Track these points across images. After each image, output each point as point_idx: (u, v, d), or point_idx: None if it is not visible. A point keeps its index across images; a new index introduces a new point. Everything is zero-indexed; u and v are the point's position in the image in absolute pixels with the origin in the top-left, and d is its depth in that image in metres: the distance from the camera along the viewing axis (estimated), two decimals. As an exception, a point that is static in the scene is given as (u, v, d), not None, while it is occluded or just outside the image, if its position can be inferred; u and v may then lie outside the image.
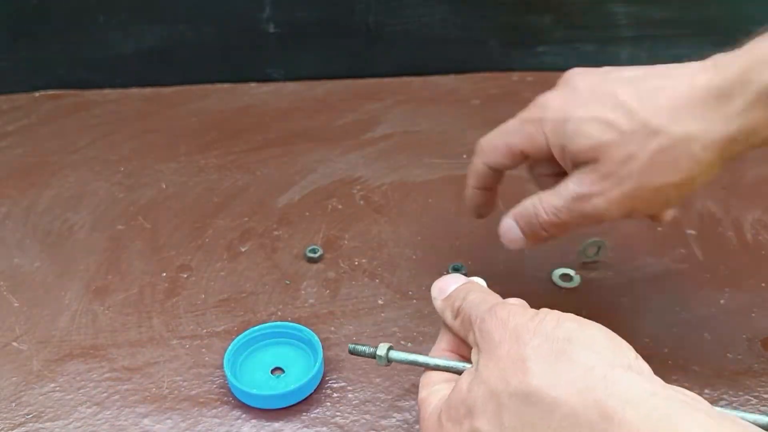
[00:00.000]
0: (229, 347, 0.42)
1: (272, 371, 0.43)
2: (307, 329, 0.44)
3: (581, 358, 0.28)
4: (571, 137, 0.38)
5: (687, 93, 0.36)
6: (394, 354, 0.37)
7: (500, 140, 0.42)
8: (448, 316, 0.36)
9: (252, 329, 0.44)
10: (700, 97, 0.36)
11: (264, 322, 0.46)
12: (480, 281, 0.38)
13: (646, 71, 0.39)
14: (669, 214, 0.43)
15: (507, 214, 0.42)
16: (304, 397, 0.41)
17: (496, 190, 0.46)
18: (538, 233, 0.41)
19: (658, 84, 0.37)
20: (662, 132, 0.36)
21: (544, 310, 0.32)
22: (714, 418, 0.25)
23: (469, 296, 0.35)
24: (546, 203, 0.40)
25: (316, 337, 0.43)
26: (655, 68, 0.39)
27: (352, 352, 0.38)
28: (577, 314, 0.47)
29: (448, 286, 0.37)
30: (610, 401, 0.26)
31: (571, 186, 0.39)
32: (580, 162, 0.38)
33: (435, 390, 0.34)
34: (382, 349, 0.37)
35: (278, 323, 0.44)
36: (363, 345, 0.38)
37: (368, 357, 0.37)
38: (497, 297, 0.35)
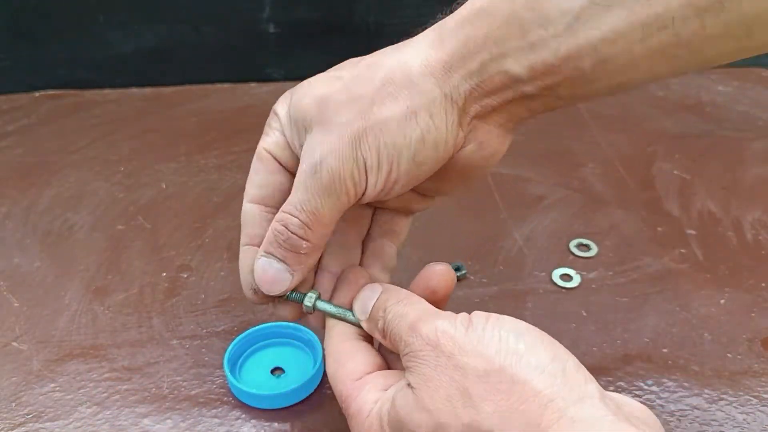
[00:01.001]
0: (229, 347, 0.42)
1: (272, 371, 0.43)
2: (307, 329, 0.44)
3: (533, 391, 0.26)
4: (298, 101, 0.33)
5: (414, 37, 0.34)
6: (321, 304, 0.35)
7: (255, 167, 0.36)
8: (378, 337, 0.33)
9: (252, 329, 0.44)
10: (422, 32, 0.34)
11: (264, 322, 0.46)
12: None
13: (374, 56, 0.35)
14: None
15: (258, 256, 0.35)
16: (304, 397, 0.41)
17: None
18: (298, 250, 0.33)
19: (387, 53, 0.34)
20: (380, 64, 0.33)
21: (479, 320, 0.29)
22: None
23: (389, 314, 0.32)
24: (292, 205, 0.33)
25: (316, 338, 0.43)
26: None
27: (288, 299, 0.36)
28: (577, 314, 0.47)
29: (367, 303, 0.33)
30: None
31: (303, 165, 0.32)
32: (310, 126, 0.33)
33: (365, 388, 0.32)
34: (309, 300, 0.35)
35: (278, 323, 0.44)
36: (298, 293, 0.36)
37: (298, 302, 0.36)
38: (418, 303, 0.32)
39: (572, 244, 0.53)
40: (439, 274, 0.35)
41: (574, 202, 0.58)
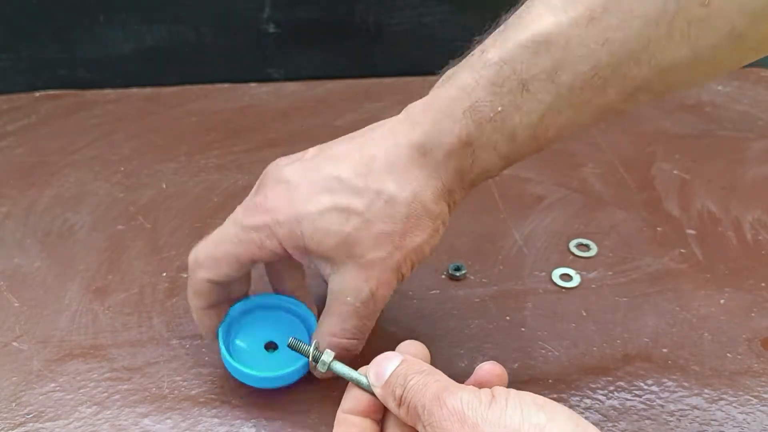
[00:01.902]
0: (224, 319, 0.41)
1: (266, 346, 0.42)
2: (304, 305, 0.43)
3: None
4: (312, 237, 0.36)
5: (395, 154, 0.37)
6: (336, 365, 0.35)
7: (223, 252, 0.38)
8: (391, 405, 0.33)
9: (247, 299, 0.43)
10: (407, 156, 0.37)
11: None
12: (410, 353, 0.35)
13: (349, 144, 0.39)
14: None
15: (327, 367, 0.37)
16: (298, 378, 0.40)
17: (226, 302, 0.41)
18: (360, 344, 0.40)
19: (367, 153, 0.37)
20: (396, 199, 0.36)
21: (501, 394, 0.30)
22: None
23: (410, 382, 0.32)
24: (345, 332, 0.38)
25: (313, 315, 0.42)
26: (357, 136, 0.39)
27: (291, 347, 0.36)
28: (577, 314, 0.47)
29: (384, 370, 0.33)
30: None
31: (351, 299, 0.37)
32: (333, 260, 0.37)
33: None
34: (328, 356, 0.36)
35: (275, 295, 0.43)
36: (305, 344, 0.37)
37: (305, 355, 0.36)
38: (440, 376, 0.32)
39: (572, 244, 0.53)
40: (488, 372, 0.34)
41: (574, 202, 0.58)
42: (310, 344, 0.37)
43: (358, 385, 0.34)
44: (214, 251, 0.39)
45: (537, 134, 0.36)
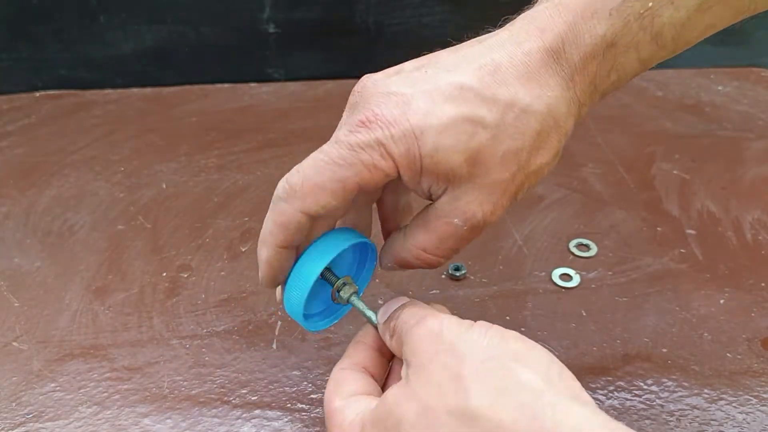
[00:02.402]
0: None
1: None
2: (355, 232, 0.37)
3: (529, 380, 0.26)
4: (433, 154, 0.31)
5: (526, 61, 0.32)
6: (355, 299, 0.36)
7: (328, 176, 0.32)
8: (387, 339, 0.34)
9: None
10: (540, 61, 0.32)
11: (264, 321, 0.46)
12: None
13: (458, 54, 0.33)
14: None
15: (390, 262, 0.36)
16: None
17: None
18: (434, 265, 0.36)
19: (490, 60, 0.32)
20: (531, 110, 0.32)
21: (483, 323, 0.29)
22: None
23: (403, 313, 0.33)
24: (437, 251, 0.34)
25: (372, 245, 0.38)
26: (464, 48, 0.34)
27: (322, 276, 0.35)
28: (577, 314, 0.47)
29: (389, 309, 0.34)
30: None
31: (459, 222, 0.33)
32: (453, 179, 0.32)
33: (352, 401, 0.32)
34: (346, 292, 0.36)
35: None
36: (335, 275, 0.36)
37: (331, 284, 0.36)
38: (432, 310, 0.33)
39: (572, 244, 0.53)
40: None
41: (574, 202, 0.58)
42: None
43: (368, 319, 0.35)
44: (315, 177, 0.32)
45: (681, 34, 0.32)
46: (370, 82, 0.34)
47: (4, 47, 0.74)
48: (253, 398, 0.42)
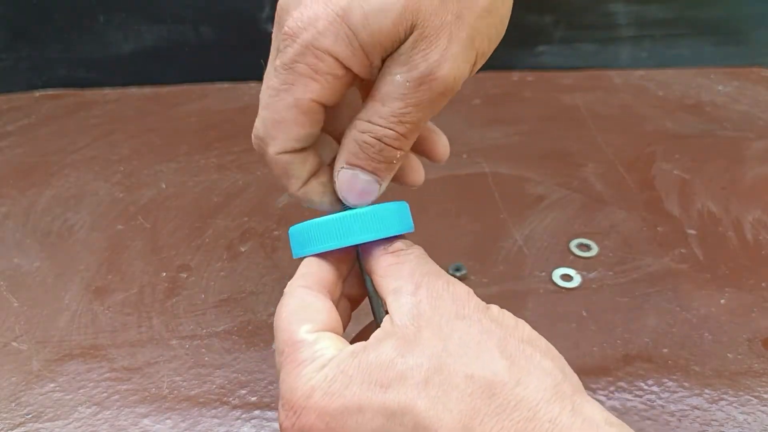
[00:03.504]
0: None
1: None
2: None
3: (549, 367, 0.26)
4: (365, 26, 0.28)
5: None
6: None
7: (281, 107, 0.30)
8: (381, 259, 0.30)
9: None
10: None
11: (264, 322, 0.46)
12: None
13: None
14: (420, 178, 0.38)
15: (340, 168, 0.31)
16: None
17: (328, 170, 0.33)
18: (391, 160, 0.31)
19: None
20: None
21: (495, 305, 0.29)
22: None
23: (415, 248, 0.30)
24: (384, 117, 0.29)
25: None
26: None
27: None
28: (578, 314, 0.47)
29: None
30: (575, 421, 0.24)
31: (402, 77, 0.29)
32: (393, 45, 0.28)
33: (326, 337, 0.28)
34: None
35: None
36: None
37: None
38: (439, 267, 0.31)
39: (572, 244, 0.53)
40: None
41: (574, 202, 0.58)
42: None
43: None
44: (272, 115, 0.30)
45: None
46: (291, 18, 0.30)
47: (4, 47, 0.74)
48: (252, 399, 0.42)
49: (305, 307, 0.29)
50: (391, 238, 0.31)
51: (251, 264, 0.52)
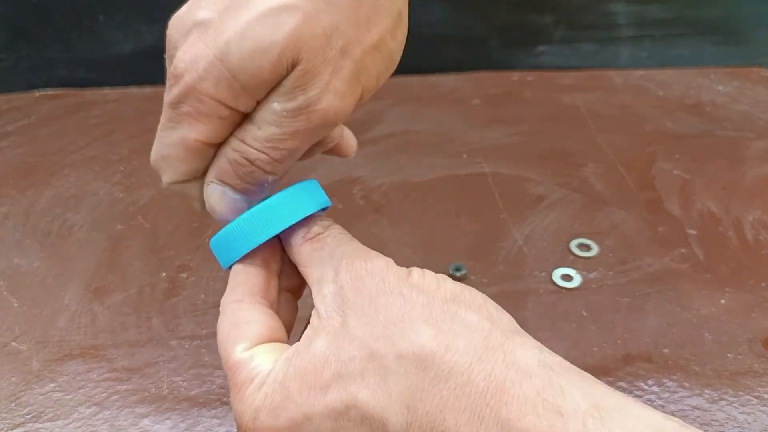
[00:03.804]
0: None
1: None
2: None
3: (475, 321, 0.25)
4: (243, 67, 0.27)
5: None
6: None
7: (167, 143, 0.30)
8: (300, 248, 0.29)
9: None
10: None
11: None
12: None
13: None
14: (352, 146, 0.37)
15: (210, 182, 0.31)
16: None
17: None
18: (262, 183, 0.30)
19: None
20: None
21: (416, 268, 0.28)
22: (609, 391, 0.25)
23: (333, 227, 0.30)
24: (258, 141, 0.29)
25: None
26: None
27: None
28: (578, 314, 0.47)
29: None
30: (508, 373, 0.24)
31: (280, 106, 0.28)
32: (276, 77, 0.27)
33: (260, 351, 0.27)
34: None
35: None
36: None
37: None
38: (364, 247, 0.29)
39: (573, 244, 0.53)
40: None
41: (574, 202, 0.58)
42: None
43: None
44: (161, 150, 0.30)
45: None
46: (174, 19, 0.31)
47: (4, 47, 0.74)
48: (252, 399, 0.41)
49: (237, 324, 0.29)
50: (308, 219, 0.30)
51: (251, 264, 0.52)
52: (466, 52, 0.77)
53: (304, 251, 0.30)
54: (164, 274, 0.51)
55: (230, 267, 0.31)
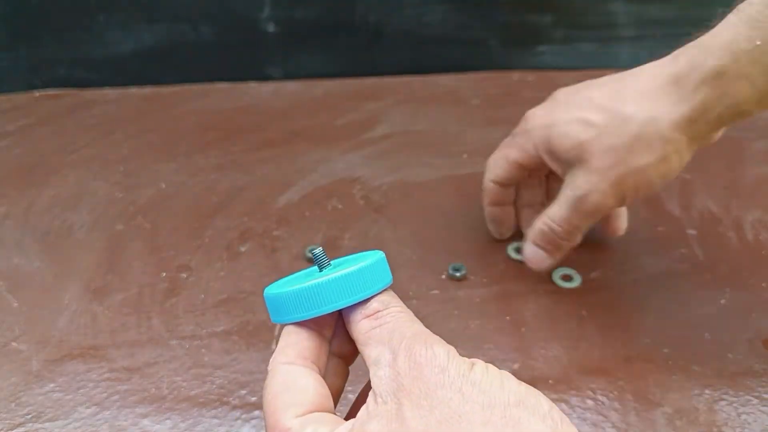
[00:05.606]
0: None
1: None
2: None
3: (533, 428, 0.24)
4: (556, 140, 0.44)
5: (649, 82, 0.42)
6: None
7: (499, 155, 0.49)
8: (360, 323, 0.29)
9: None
10: (659, 84, 0.41)
11: (263, 322, 0.46)
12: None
13: (620, 75, 0.44)
14: (621, 227, 0.51)
15: (526, 242, 0.47)
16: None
17: (512, 208, 0.51)
18: (559, 246, 0.46)
19: (626, 82, 0.43)
20: (632, 118, 0.41)
21: (480, 362, 0.27)
22: None
23: (393, 305, 0.29)
24: (556, 217, 0.45)
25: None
26: (628, 71, 0.44)
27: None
28: (578, 314, 0.47)
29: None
30: None
31: (569, 192, 0.44)
32: (569, 162, 0.44)
33: (311, 421, 0.27)
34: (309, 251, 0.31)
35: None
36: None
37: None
38: (427, 331, 0.29)
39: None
40: None
41: (575, 202, 0.58)
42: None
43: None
44: (495, 156, 0.49)
45: None
46: (559, 90, 0.48)
47: (4, 47, 0.74)
48: (252, 399, 0.41)
49: (288, 387, 0.28)
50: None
51: (251, 264, 0.52)
52: (466, 52, 0.77)
53: (363, 328, 0.29)
54: (164, 274, 0.51)
55: (279, 322, 0.31)
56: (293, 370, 0.29)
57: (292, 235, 0.55)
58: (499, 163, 0.49)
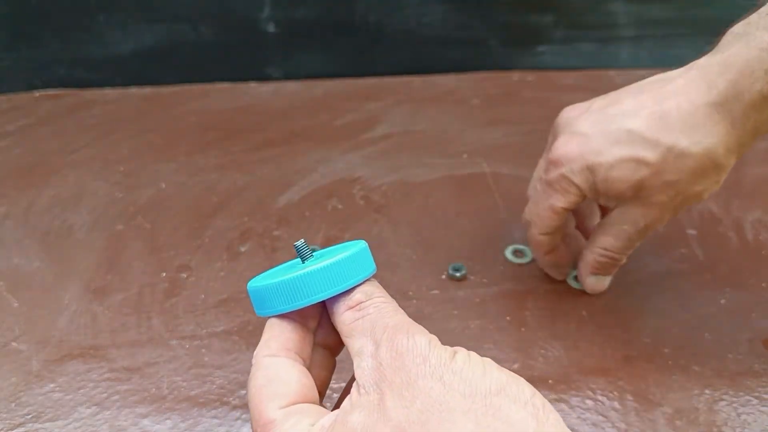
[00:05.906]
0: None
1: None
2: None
3: (519, 418, 0.24)
4: (608, 183, 0.42)
5: (692, 111, 0.40)
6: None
7: (543, 207, 0.45)
8: (343, 314, 0.29)
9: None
10: (704, 113, 0.40)
11: (263, 322, 0.46)
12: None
13: (639, 97, 0.42)
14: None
15: (586, 274, 0.47)
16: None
17: (563, 245, 0.49)
18: (617, 266, 0.47)
19: (660, 109, 0.40)
20: (688, 154, 0.40)
21: (462, 350, 0.27)
22: None
23: (376, 296, 0.29)
24: (615, 248, 0.45)
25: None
26: (646, 90, 0.42)
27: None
28: (578, 314, 0.47)
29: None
30: None
31: (626, 227, 0.44)
32: (620, 198, 0.43)
33: (294, 412, 0.27)
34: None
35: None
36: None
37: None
38: (410, 320, 0.29)
39: (572, 244, 0.53)
40: None
41: (575, 202, 0.58)
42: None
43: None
44: (535, 209, 0.46)
45: None
46: (563, 118, 0.45)
47: (4, 47, 0.74)
48: (252, 399, 0.41)
49: (272, 380, 0.28)
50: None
51: (251, 264, 0.52)
52: (466, 52, 0.77)
53: (346, 319, 0.29)
54: (164, 274, 0.51)
55: (264, 315, 0.31)
56: (276, 362, 0.29)
57: (292, 235, 0.55)
58: (545, 215, 0.45)
